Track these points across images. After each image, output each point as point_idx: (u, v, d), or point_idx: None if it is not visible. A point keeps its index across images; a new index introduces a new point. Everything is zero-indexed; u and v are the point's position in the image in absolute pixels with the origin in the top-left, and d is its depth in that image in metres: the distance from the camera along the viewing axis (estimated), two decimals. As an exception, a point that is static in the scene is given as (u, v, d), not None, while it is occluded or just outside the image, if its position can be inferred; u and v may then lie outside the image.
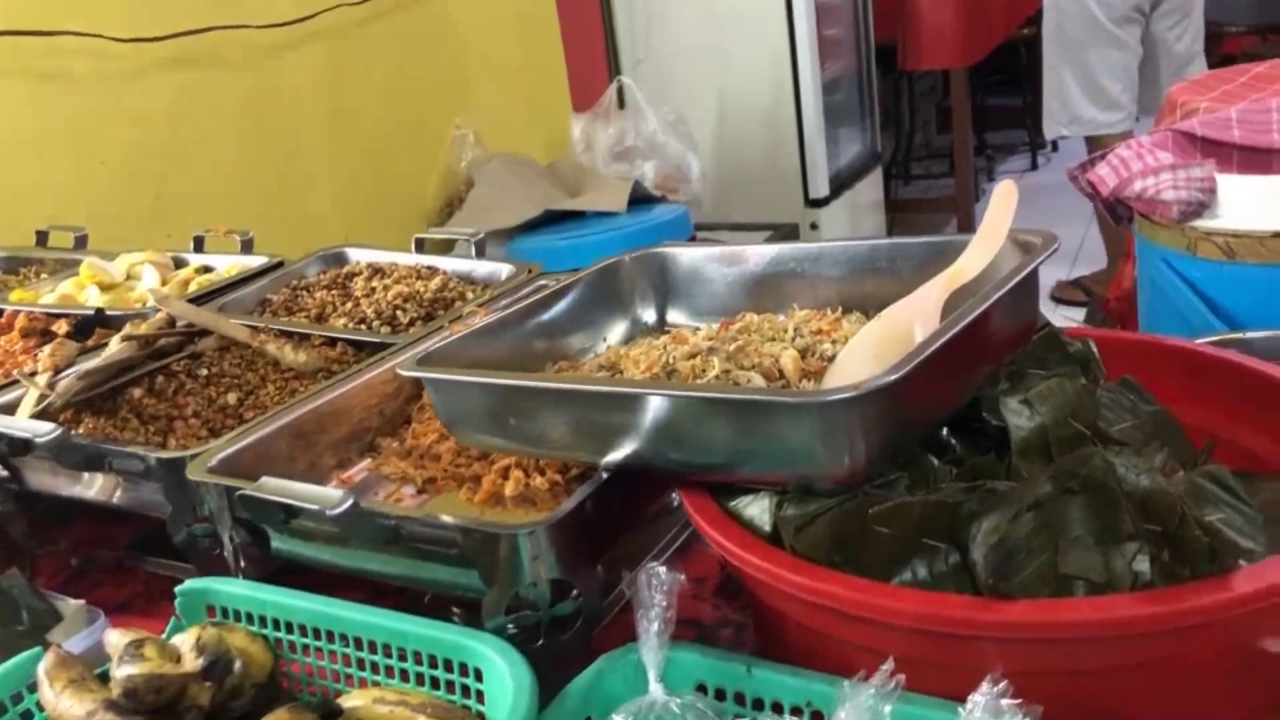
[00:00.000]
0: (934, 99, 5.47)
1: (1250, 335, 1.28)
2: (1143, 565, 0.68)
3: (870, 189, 4.13)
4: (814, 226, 3.73)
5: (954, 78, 4.56)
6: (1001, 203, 0.90)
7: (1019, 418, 0.84)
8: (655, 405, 0.78)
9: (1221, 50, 4.54)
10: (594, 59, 3.55)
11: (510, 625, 0.86)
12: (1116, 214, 1.66)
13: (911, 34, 4.27)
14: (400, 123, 2.85)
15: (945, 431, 0.88)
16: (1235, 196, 1.44)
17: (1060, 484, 0.71)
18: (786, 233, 3.32)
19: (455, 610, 1.01)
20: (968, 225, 4.59)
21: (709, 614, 1.05)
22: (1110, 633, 0.66)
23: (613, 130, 2.95)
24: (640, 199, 2.75)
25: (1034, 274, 0.86)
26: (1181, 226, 1.47)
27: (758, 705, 0.79)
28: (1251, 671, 0.75)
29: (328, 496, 0.84)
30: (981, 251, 0.88)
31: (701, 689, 0.81)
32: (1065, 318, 3.58)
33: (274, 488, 0.86)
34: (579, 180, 2.90)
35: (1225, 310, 1.45)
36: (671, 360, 0.91)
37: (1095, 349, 0.98)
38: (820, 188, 3.72)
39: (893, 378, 0.70)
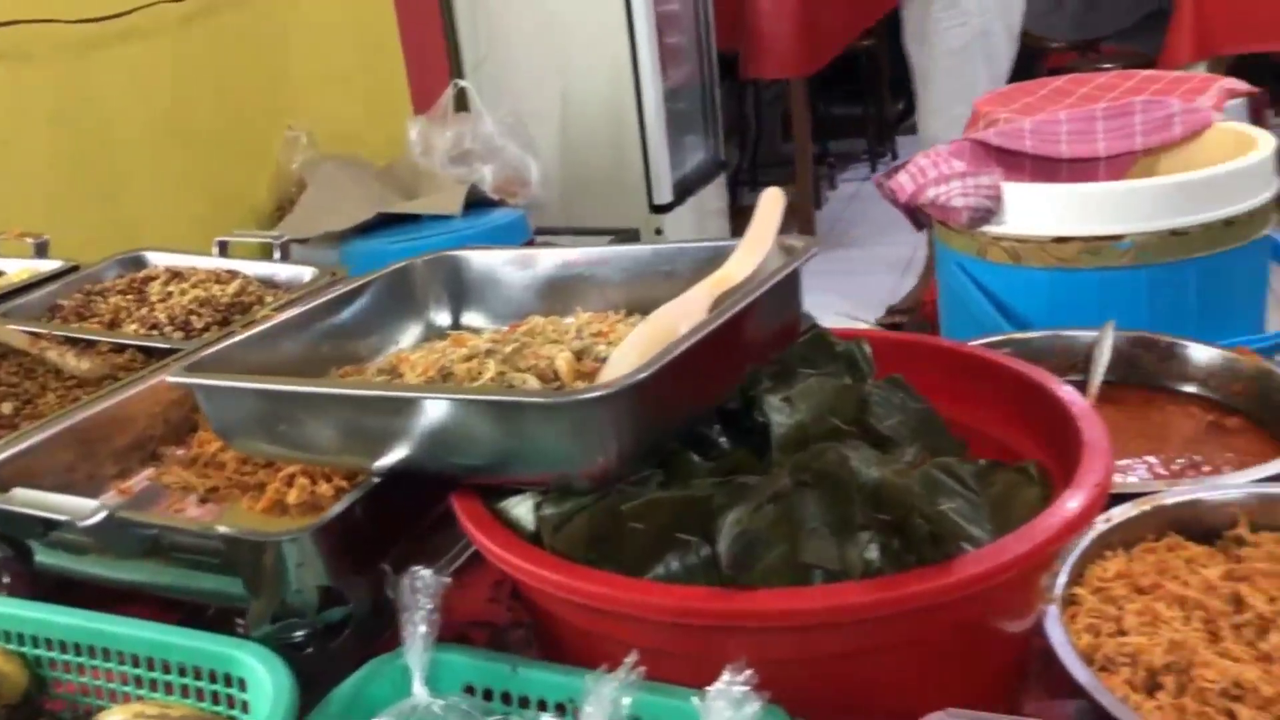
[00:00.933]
0: (780, 108, 5.60)
1: (1026, 335, 1.36)
2: (873, 554, 0.71)
3: (715, 195, 4.20)
4: (658, 232, 3.77)
5: (793, 87, 4.66)
6: (767, 209, 0.93)
7: (780, 415, 0.87)
8: (412, 409, 0.78)
9: (1046, 65, 4.77)
10: (435, 61, 3.52)
11: (279, 634, 0.85)
12: (918, 220, 1.74)
13: (751, 44, 4.36)
14: (228, 124, 2.77)
15: (718, 429, 0.91)
16: (1022, 203, 1.51)
17: (798, 477, 0.74)
18: (628, 238, 3.35)
19: (240, 622, 0.99)
20: (809, 232, 4.71)
21: (503, 617, 1.06)
22: (840, 619, 0.69)
23: (450, 133, 2.92)
24: (478, 202, 2.73)
25: (794, 276, 0.90)
26: (972, 232, 1.54)
27: (525, 704, 0.80)
28: (984, 650, 0.80)
29: (80, 507, 0.82)
30: (748, 256, 0.91)
31: (470, 690, 0.82)
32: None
33: (24, 499, 0.83)
34: (416, 183, 2.87)
35: (1013, 312, 1.53)
36: (449, 363, 0.91)
37: (867, 349, 1.02)
38: (664, 194, 3.77)
39: (640, 376, 0.72)
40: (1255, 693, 0.78)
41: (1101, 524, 0.96)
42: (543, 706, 0.79)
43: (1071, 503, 0.75)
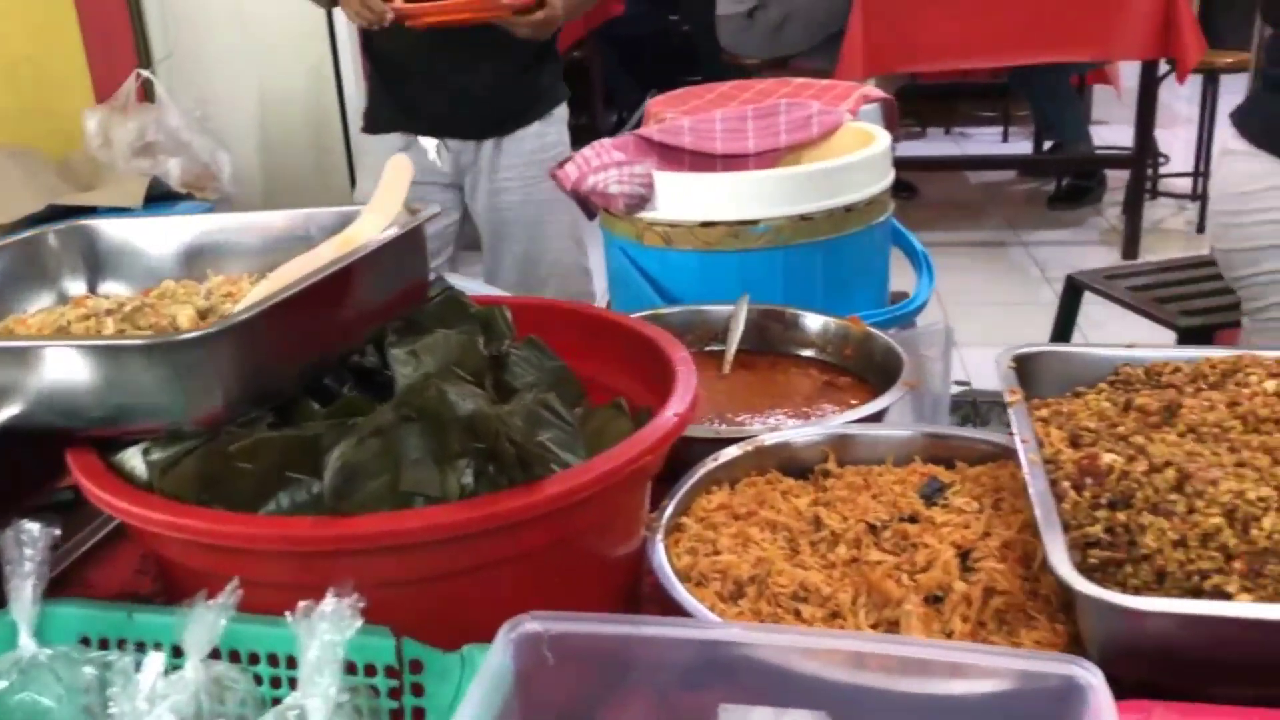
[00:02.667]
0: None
1: (669, 311, 1.48)
2: (468, 478, 0.78)
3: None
4: (366, 231, 3.75)
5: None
6: (394, 175, 0.98)
7: (405, 367, 0.92)
8: (10, 361, 0.77)
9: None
10: (119, 50, 3.35)
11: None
12: (589, 209, 1.84)
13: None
14: None
15: (349, 386, 0.95)
16: (673, 191, 1.63)
17: (400, 412, 0.79)
18: (331, 236, 3.31)
19: None
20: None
21: (148, 586, 1.06)
22: (435, 536, 0.75)
23: (133, 125, 2.80)
24: (162, 196, 2.64)
25: (415, 234, 0.95)
26: (630, 218, 1.65)
27: (142, 649, 0.81)
28: (587, 571, 0.88)
29: None
30: (374, 219, 0.96)
31: (86, 641, 0.82)
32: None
33: None
34: (94, 176, 2.74)
35: (668, 291, 1.65)
36: (66, 323, 0.91)
37: (508, 314, 1.09)
38: (369, 194, 3.75)
39: (240, 319, 0.75)
40: (817, 593, 0.90)
41: (710, 463, 1.07)
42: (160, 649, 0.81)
43: (652, 430, 0.85)
